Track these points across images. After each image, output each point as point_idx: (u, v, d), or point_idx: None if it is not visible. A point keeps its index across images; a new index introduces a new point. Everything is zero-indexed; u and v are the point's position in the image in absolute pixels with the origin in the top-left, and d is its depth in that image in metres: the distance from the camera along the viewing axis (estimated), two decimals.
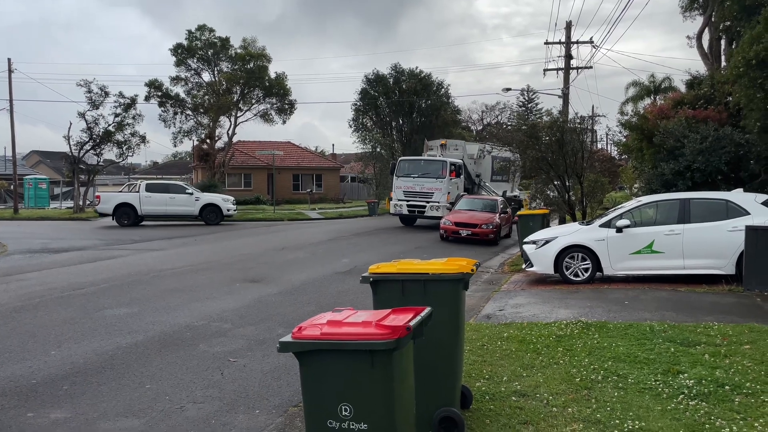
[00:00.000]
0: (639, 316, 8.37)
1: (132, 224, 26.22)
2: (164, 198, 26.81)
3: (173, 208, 26.88)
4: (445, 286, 4.59)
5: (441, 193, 24.01)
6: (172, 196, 27.00)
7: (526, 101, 74.30)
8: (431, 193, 24.10)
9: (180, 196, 27.09)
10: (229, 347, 7.33)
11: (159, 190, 27.20)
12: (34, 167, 61.98)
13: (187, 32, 40.91)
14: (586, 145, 19.91)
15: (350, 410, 3.13)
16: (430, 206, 23.96)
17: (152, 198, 26.59)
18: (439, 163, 24.96)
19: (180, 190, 27.63)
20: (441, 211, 23.36)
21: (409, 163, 25.82)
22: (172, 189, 27.73)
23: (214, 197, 28.33)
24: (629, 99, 36.09)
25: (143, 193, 26.65)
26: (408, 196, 24.61)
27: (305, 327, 3.20)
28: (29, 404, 5.48)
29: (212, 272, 13.08)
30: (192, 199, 27.16)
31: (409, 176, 24.77)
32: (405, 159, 27.06)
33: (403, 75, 47.26)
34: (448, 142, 27.94)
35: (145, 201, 26.48)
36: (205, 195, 28.31)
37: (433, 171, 24.60)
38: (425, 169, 24.84)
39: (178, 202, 26.91)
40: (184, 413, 5.30)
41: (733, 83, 15.35)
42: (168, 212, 26.90)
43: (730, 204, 10.85)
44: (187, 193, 27.44)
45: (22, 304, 9.69)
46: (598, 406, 5.03)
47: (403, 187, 24.72)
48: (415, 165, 25.53)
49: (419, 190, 24.34)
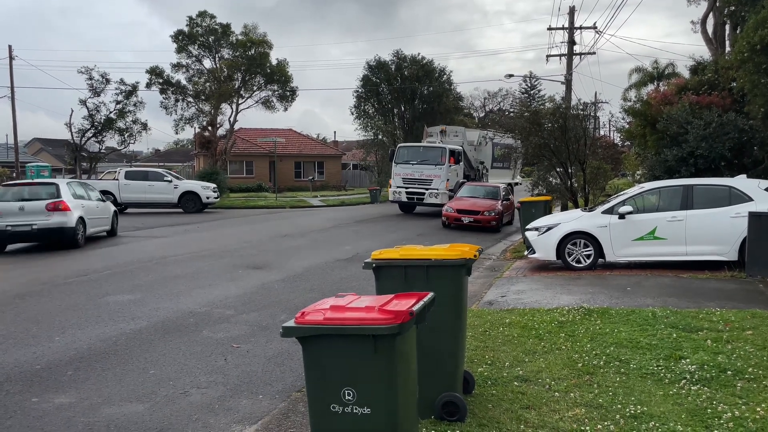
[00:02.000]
0: (641, 302, 8.37)
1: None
2: (143, 186, 26.10)
3: (152, 195, 26.17)
4: (448, 272, 4.58)
5: (440, 180, 23.67)
6: (150, 183, 26.28)
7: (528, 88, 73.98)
8: (430, 180, 23.76)
9: (158, 184, 26.34)
10: (232, 333, 7.36)
11: (138, 178, 26.54)
12: (36, 155, 61.93)
13: (188, 18, 40.67)
14: (588, 132, 19.83)
15: (353, 395, 3.14)
16: (429, 193, 23.67)
17: (131, 185, 25.96)
18: (438, 149, 24.55)
19: (158, 177, 26.83)
20: (440, 198, 23.08)
21: (408, 150, 25.45)
22: (151, 176, 26.97)
23: (194, 184, 27.58)
24: (632, 85, 35.93)
25: (122, 181, 26.06)
26: (407, 183, 24.31)
27: (308, 312, 3.20)
28: (34, 389, 5.51)
29: (215, 259, 13.10)
30: (170, 187, 26.35)
31: (408, 163, 24.44)
32: (404, 145, 26.66)
33: (405, 61, 47.07)
34: (447, 129, 27.34)
35: (124, 189, 25.89)
36: (184, 182, 27.48)
37: (432, 158, 24.23)
38: (424, 156, 24.48)
39: (156, 190, 26.19)
40: (187, 398, 5.33)
41: (737, 68, 15.25)
42: (147, 200, 26.21)
43: (733, 190, 10.81)
44: (166, 181, 26.60)
45: (26, 291, 9.73)
46: (600, 391, 5.04)
47: (402, 174, 24.40)
48: (414, 152, 25.13)
49: (418, 177, 23.99)
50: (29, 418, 4.90)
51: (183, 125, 42.12)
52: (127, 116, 36.76)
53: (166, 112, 41.10)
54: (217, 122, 41.78)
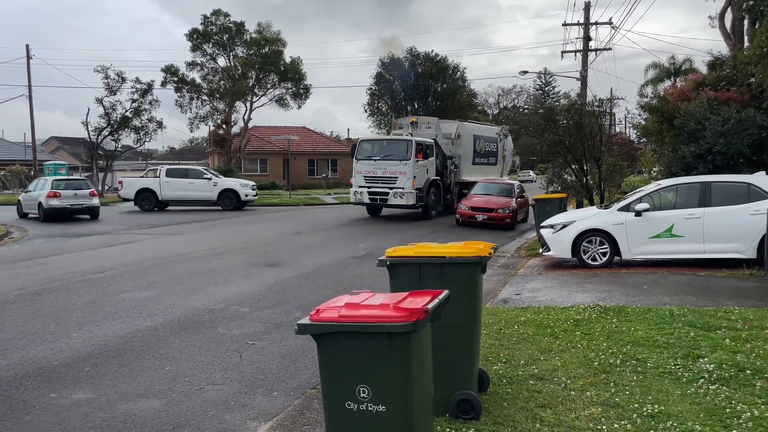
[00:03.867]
0: (658, 300, 8.29)
1: (153, 209, 26.05)
2: (183, 183, 26.46)
3: (192, 193, 26.53)
4: (463, 270, 4.56)
5: (405, 178, 20.87)
6: (191, 181, 26.60)
7: (543, 84, 73.58)
8: (394, 178, 21.01)
9: (198, 181, 26.64)
10: (247, 330, 7.39)
11: (178, 175, 26.86)
12: (54, 153, 62.72)
13: (203, 17, 41.03)
14: (604, 129, 19.65)
15: (368, 392, 3.13)
16: (394, 193, 20.94)
17: (172, 183, 26.33)
18: (402, 143, 21.48)
19: (198, 175, 27.12)
20: (406, 199, 20.78)
21: (371, 144, 22.44)
22: (191, 174, 27.29)
23: (232, 182, 27.84)
24: (649, 81, 35.48)
25: (163, 178, 26.39)
26: (369, 181, 21.52)
27: (323, 309, 3.20)
28: (52, 385, 5.58)
29: (229, 256, 13.17)
30: (210, 185, 26.68)
31: (371, 159, 21.64)
32: (366, 139, 23.43)
33: (419, 58, 46.96)
34: (419, 120, 24.47)
35: (165, 186, 26.27)
36: (223, 180, 27.72)
37: (397, 152, 21.25)
38: (388, 151, 21.51)
39: (196, 188, 26.53)
40: (203, 394, 5.36)
41: (756, 64, 15.02)
42: (187, 197, 26.60)
43: (752, 187, 10.66)
44: (206, 178, 26.90)
45: (44, 288, 9.84)
46: (616, 389, 4.99)
47: (364, 172, 21.60)
48: (377, 146, 22.13)
49: (381, 174, 21.24)
50: (48, 413, 4.96)
51: (198, 123, 42.50)
52: (142, 114, 37.13)
53: (181, 110, 41.53)
54: (232, 120, 42.08)
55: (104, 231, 18.66)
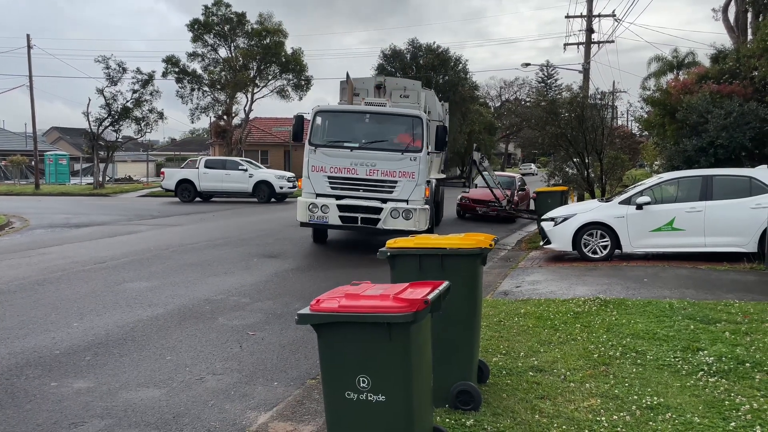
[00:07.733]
0: (658, 293, 8.29)
1: (192, 200, 25.92)
2: (220, 174, 26.19)
3: (228, 184, 26.24)
4: (463, 261, 4.56)
5: (413, 184, 11.96)
6: (227, 172, 26.29)
7: (545, 77, 73.37)
8: (391, 183, 12.01)
9: (234, 173, 26.28)
10: (247, 321, 7.41)
11: (216, 167, 26.63)
12: (54, 143, 62.66)
13: (204, 7, 40.73)
14: (606, 122, 19.59)
15: (368, 382, 3.14)
16: (391, 210, 11.87)
17: (209, 174, 26.13)
18: (406, 119, 12.34)
19: (234, 166, 26.72)
20: (414, 220, 11.80)
21: (340, 119, 12.73)
22: (228, 165, 26.95)
23: (267, 174, 27.41)
24: (652, 74, 35.44)
25: (202, 169, 26.20)
26: (340, 186, 12.15)
27: (323, 300, 3.21)
28: (53, 374, 5.60)
29: (230, 247, 13.18)
30: (246, 176, 26.28)
31: (342, 146, 12.16)
32: (329, 110, 12.79)
33: (421, 50, 46.74)
34: (387, 81, 14.46)
35: (203, 177, 26.07)
36: (258, 171, 27.20)
37: (393, 136, 12.43)
38: (376, 132, 12.43)
39: (232, 179, 26.21)
40: (203, 384, 5.38)
41: (759, 57, 14.95)
42: (223, 189, 26.36)
43: (753, 181, 10.65)
44: (241, 170, 26.46)
45: (45, 277, 9.86)
46: (616, 381, 5.01)
47: (330, 170, 12.11)
48: (353, 122, 12.65)
49: (365, 176, 11.99)
50: (48, 402, 4.98)
51: (199, 114, 42.32)
52: (143, 105, 37.00)
53: (182, 101, 41.32)
54: (233, 111, 41.95)
55: (105, 222, 18.67)
